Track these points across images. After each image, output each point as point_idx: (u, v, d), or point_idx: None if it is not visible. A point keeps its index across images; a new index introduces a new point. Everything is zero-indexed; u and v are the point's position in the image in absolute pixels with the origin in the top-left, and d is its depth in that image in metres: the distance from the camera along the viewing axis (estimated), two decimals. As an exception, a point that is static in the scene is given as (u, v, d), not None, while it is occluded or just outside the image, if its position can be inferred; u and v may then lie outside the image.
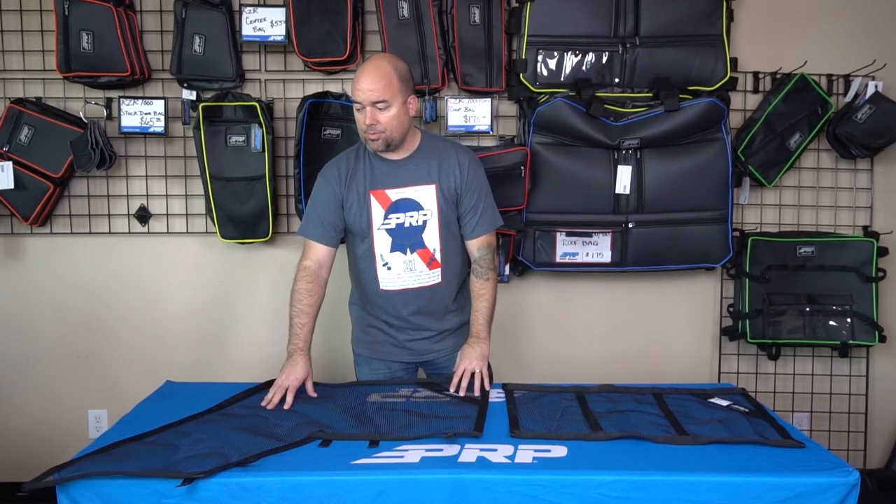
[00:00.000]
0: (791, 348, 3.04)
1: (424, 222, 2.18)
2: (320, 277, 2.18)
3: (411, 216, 2.17)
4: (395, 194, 2.17)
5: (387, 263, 2.19)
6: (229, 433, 1.78)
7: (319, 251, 2.19)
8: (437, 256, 2.20)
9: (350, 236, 2.24)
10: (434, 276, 2.22)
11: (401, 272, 2.19)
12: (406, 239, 2.18)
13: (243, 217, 2.81)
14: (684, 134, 2.77)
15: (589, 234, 2.85)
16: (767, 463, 1.65)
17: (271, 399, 2.00)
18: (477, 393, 2.08)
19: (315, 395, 2.07)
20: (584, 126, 2.73)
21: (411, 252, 2.19)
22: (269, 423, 1.86)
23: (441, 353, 2.32)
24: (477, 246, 2.25)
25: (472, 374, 2.14)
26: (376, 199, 2.17)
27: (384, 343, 2.31)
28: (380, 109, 2.05)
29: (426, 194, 2.18)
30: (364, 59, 2.88)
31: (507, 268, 2.88)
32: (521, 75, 2.80)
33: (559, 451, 1.70)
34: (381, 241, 2.18)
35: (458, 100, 2.85)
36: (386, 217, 2.17)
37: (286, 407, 1.98)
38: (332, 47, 2.75)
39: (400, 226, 2.17)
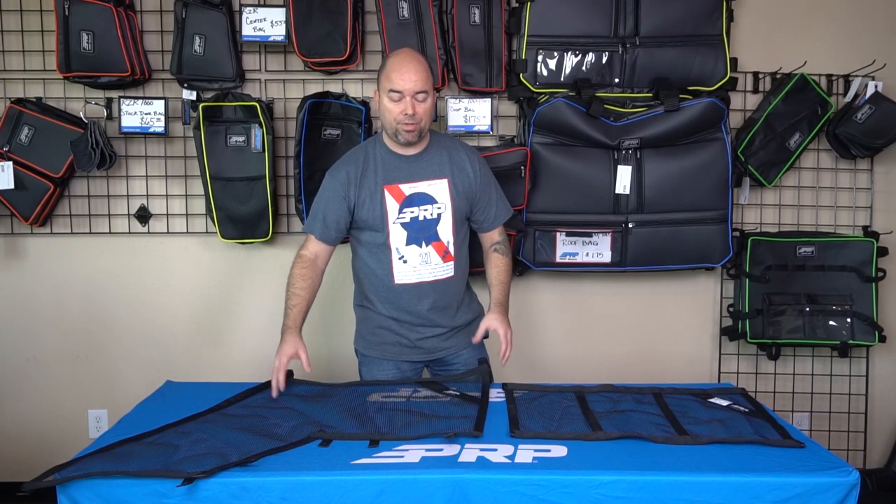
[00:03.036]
0: (791, 348, 3.04)
1: (439, 215, 2.22)
2: (316, 266, 2.23)
3: (425, 210, 2.21)
4: (408, 189, 2.20)
5: (402, 257, 2.21)
6: (229, 433, 1.78)
7: (317, 246, 2.24)
8: (451, 249, 2.24)
9: (360, 232, 2.25)
10: (448, 270, 2.24)
11: (417, 265, 2.21)
12: (421, 232, 2.21)
13: (243, 217, 2.81)
14: (684, 134, 2.77)
15: (589, 234, 2.85)
16: (767, 463, 1.65)
17: (273, 385, 2.06)
18: (501, 356, 2.17)
19: (309, 368, 2.09)
20: (584, 126, 2.73)
21: (426, 245, 2.22)
22: (269, 422, 1.86)
23: (451, 350, 2.33)
24: (498, 231, 2.37)
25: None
26: (390, 194, 2.19)
27: (394, 344, 2.31)
28: (419, 101, 2.11)
29: (439, 188, 2.22)
30: (364, 59, 2.89)
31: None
32: (521, 75, 2.80)
33: (559, 451, 1.70)
34: (397, 235, 2.20)
35: (458, 100, 2.85)
36: (401, 211, 2.19)
37: (274, 392, 2.04)
38: (332, 47, 2.75)
39: (415, 219, 2.20)
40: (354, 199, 2.19)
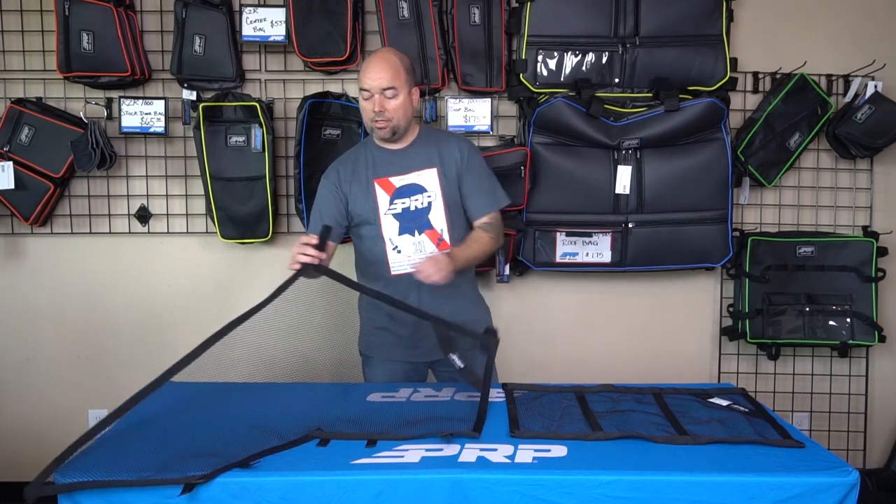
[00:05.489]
0: (791, 348, 3.04)
1: (429, 203, 2.24)
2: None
3: (416, 199, 2.23)
4: (398, 181, 2.24)
5: (396, 247, 2.24)
6: (228, 433, 1.79)
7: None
8: (445, 237, 2.25)
9: (358, 228, 2.29)
10: None
11: (411, 254, 2.24)
12: (413, 221, 2.23)
13: (243, 217, 2.81)
14: (684, 134, 2.77)
15: (589, 234, 2.85)
16: (767, 463, 1.65)
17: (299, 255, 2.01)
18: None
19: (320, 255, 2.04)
20: (583, 126, 2.73)
21: (419, 233, 2.24)
22: (268, 422, 1.86)
23: None
24: (486, 219, 2.27)
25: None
26: (381, 187, 2.23)
27: (394, 344, 2.31)
28: (388, 97, 2.15)
29: (429, 177, 2.24)
30: (364, 59, 2.89)
31: (507, 268, 2.87)
32: (521, 75, 2.80)
33: (559, 450, 1.70)
34: (389, 226, 2.23)
35: (458, 100, 2.85)
36: (391, 202, 2.23)
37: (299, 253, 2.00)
38: (332, 47, 2.76)
39: (406, 209, 2.23)
40: (347, 194, 2.25)
